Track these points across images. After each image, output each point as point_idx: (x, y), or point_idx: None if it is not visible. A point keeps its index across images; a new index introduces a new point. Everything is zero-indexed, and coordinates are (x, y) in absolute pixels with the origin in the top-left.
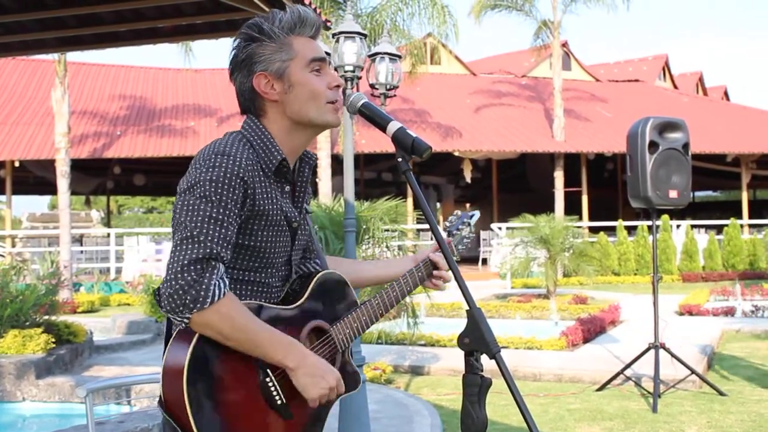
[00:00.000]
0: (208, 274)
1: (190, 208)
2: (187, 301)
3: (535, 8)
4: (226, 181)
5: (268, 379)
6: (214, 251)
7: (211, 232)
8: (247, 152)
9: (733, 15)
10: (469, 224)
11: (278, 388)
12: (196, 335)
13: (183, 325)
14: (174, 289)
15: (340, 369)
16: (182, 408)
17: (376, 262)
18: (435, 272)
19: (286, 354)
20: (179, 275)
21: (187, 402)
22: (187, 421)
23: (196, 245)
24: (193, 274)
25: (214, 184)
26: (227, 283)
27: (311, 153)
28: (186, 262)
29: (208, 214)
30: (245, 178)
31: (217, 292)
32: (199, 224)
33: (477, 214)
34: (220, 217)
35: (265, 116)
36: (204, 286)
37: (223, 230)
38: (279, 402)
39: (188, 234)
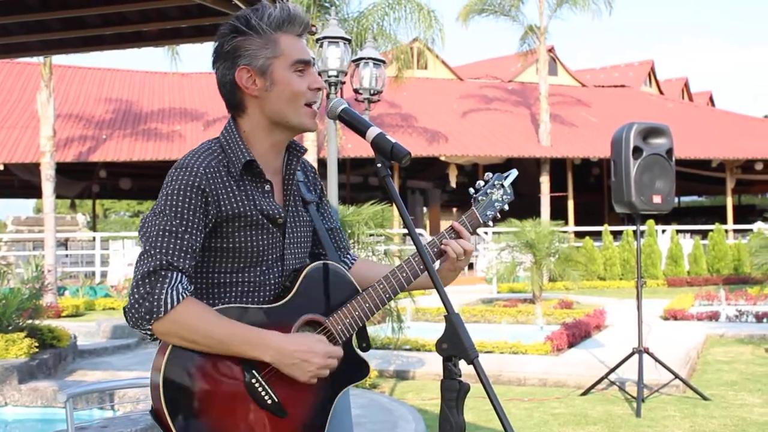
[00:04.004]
0: (159, 285)
1: (148, 225)
2: (143, 313)
3: (522, 13)
4: (181, 193)
5: (254, 380)
6: (165, 261)
7: (165, 243)
8: (211, 159)
9: (719, 22)
10: (502, 185)
11: (267, 387)
12: (169, 348)
13: (148, 337)
14: (131, 304)
15: (345, 360)
16: (165, 417)
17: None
18: (445, 242)
19: (260, 349)
20: (134, 290)
21: (166, 411)
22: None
23: (149, 259)
24: (147, 287)
25: (169, 197)
26: (185, 290)
27: (298, 144)
28: (140, 276)
29: (162, 227)
30: (202, 187)
31: (169, 300)
32: (152, 238)
33: (514, 172)
34: (174, 228)
35: (244, 112)
36: (156, 297)
37: (179, 240)
38: (270, 402)
39: (143, 249)
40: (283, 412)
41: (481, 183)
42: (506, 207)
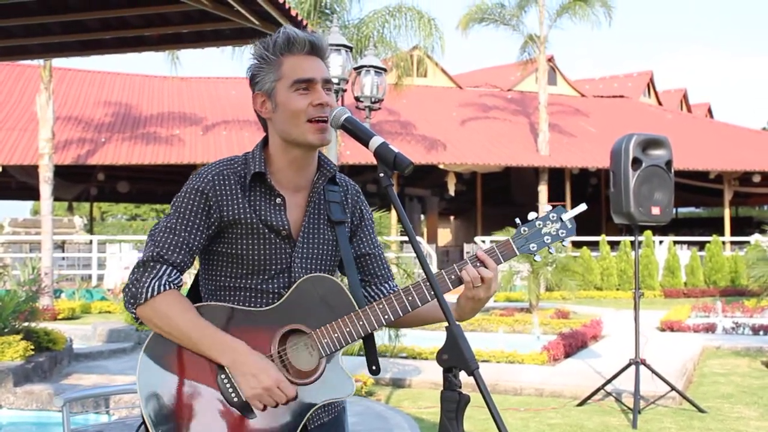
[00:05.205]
0: (147, 274)
1: (158, 222)
2: (129, 297)
3: (522, 23)
4: (187, 196)
5: (223, 376)
6: (157, 254)
7: (162, 238)
8: (224, 168)
9: (718, 33)
10: (560, 219)
11: (235, 384)
12: (150, 335)
13: (137, 321)
14: (124, 288)
15: (327, 374)
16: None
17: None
18: (464, 268)
19: (219, 351)
20: (130, 275)
21: (141, 398)
22: (144, 417)
23: (146, 250)
24: (137, 274)
25: (177, 199)
26: (170, 282)
27: (331, 163)
28: (135, 265)
29: (164, 224)
30: (206, 191)
31: (150, 290)
32: (155, 234)
33: (581, 207)
34: (173, 225)
35: (267, 132)
36: (141, 284)
37: (175, 237)
38: (236, 399)
39: (146, 242)
40: (251, 412)
41: (533, 214)
42: (565, 242)
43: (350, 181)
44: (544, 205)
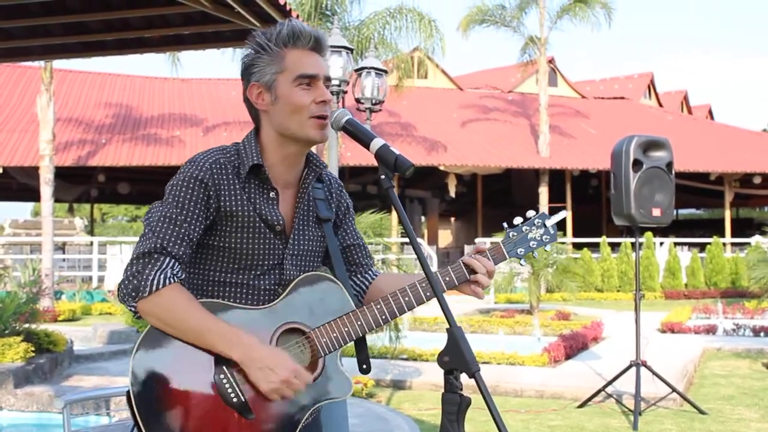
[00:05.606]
0: (150, 266)
1: (152, 211)
2: (130, 290)
3: (523, 24)
4: (184, 184)
5: (222, 376)
6: (160, 245)
7: (163, 229)
8: (220, 157)
9: (718, 34)
10: (544, 225)
11: (235, 385)
12: (143, 333)
13: (135, 315)
14: (122, 280)
15: (325, 374)
16: (131, 404)
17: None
18: (471, 277)
19: (231, 345)
20: (128, 268)
21: (134, 399)
22: (137, 418)
23: (146, 241)
24: (139, 266)
25: (174, 188)
26: (174, 275)
27: (320, 161)
28: (135, 256)
29: (162, 213)
30: (205, 180)
31: (155, 282)
32: (153, 223)
33: (562, 214)
34: (173, 216)
35: (260, 125)
36: (144, 277)
37: (176, 227)
38: (236, 400)
39: (144, 232)
40: (250, 413)
41: (519, 219)
42: (548, 247)
43: (332, 175)
44: (545, 207)
